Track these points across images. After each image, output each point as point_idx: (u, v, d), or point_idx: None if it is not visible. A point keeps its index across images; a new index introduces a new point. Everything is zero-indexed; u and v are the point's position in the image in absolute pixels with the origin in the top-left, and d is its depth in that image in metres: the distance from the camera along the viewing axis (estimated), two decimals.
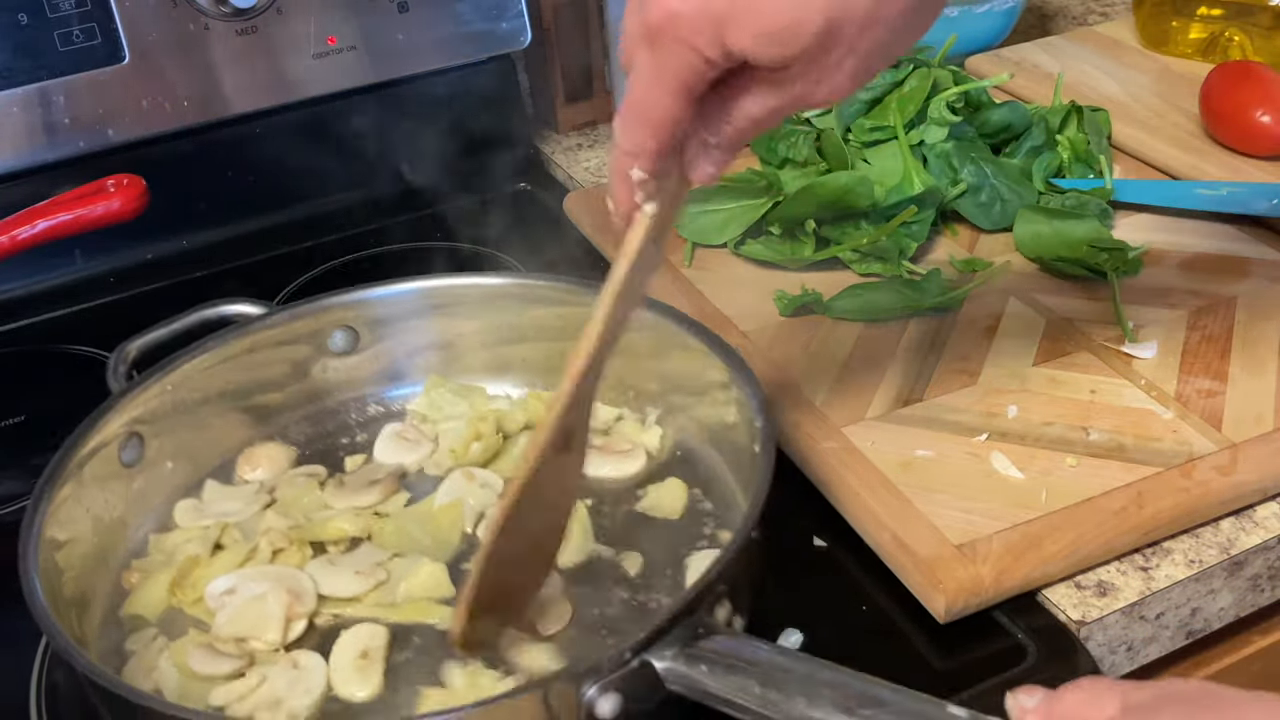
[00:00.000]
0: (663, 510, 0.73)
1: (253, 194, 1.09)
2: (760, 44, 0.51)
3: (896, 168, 0.98)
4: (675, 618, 0.55)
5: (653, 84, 0.54)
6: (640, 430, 0.78)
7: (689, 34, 0.51)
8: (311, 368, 0.80)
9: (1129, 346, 0.82)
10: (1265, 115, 1.00)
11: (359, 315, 0.80)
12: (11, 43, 0.95)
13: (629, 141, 0.56)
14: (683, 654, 0.55)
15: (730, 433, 0.73)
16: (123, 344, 0.77)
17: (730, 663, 0.54)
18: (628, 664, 0.54)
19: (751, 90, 0.55)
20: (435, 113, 1.13)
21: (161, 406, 0.73)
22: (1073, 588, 0.68)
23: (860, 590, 0.69)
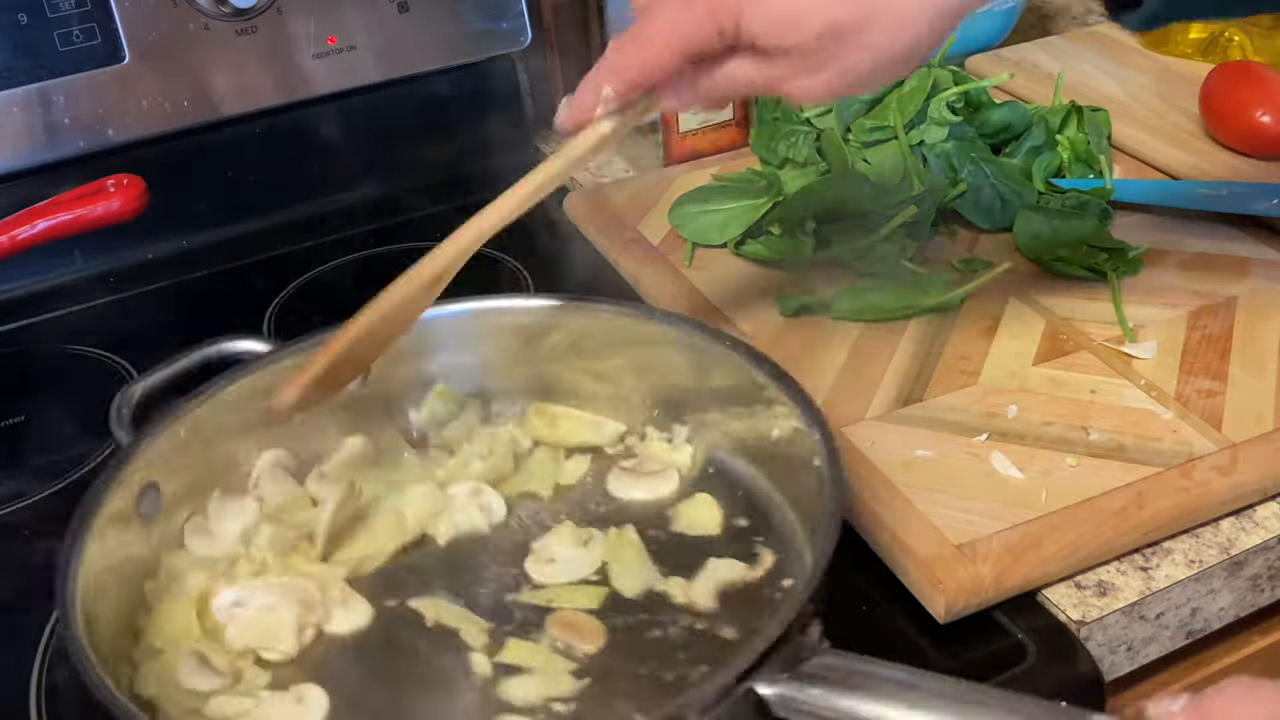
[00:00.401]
0: (699, 528, 0.70)
1: (253, 194, 1.09)
2: (769, 28, 0.59)
3: (896, 168, 0.98)
4: (779, 640, 0.53)
5: (664, 33, 0.61)
6: (669, 450, 0.76)
7: (715, 7, 0.59)
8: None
9: (1129, 346, 0.82)
10: (1265, 115, 1.00)
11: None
12: (11, 43, 0.95)
13: (617, 62, 0.63)
14: (792, 678, 0.52)
15: (772, 446, 0.71)
16: (125, 387, 0.74)
17: (846, 682, 0.52)
18: (733, 693, 0.52)
19: (742, 60, 0.62)
20: (435, 113, 1.13)
21: (175, 454, 0.70)
22: (1073, 588, 0.68)
23: (860, 590, 0.69)
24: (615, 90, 0.63)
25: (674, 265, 0.95)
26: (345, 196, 1.12)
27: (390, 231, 1.09)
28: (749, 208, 0.95)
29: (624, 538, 0.69)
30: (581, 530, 0.71)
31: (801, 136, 1.02)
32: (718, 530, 0.70)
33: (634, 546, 0.69)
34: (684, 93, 0.64)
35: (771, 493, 0.72)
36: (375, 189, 1.13)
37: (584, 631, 0.63)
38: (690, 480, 0.74)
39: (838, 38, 0.59)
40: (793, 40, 0.59)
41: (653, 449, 0.76)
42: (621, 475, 0.74)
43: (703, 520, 0.71)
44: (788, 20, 0.58)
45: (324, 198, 1.11)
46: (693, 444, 0.76)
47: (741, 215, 0.95)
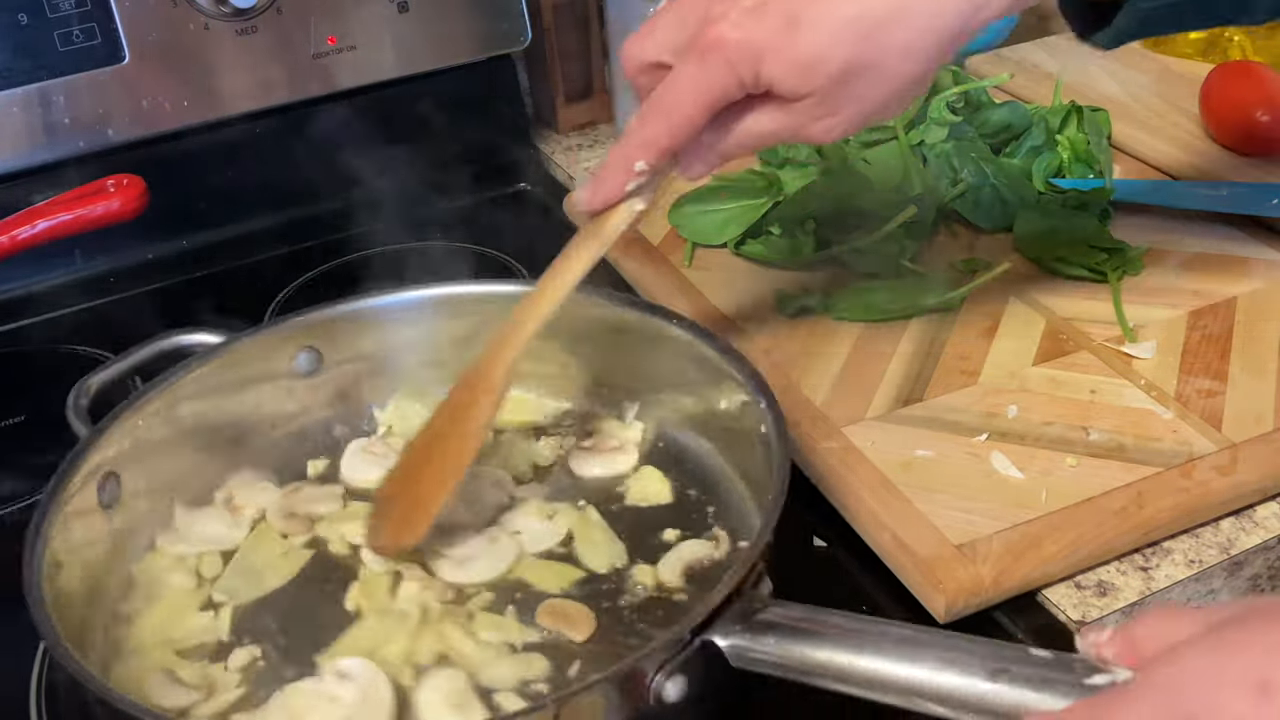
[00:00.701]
0: (651, 499, 0.73)
1: (253, 194, 1.09)
2: (789, 74, 0.60)
3: (896, 168, 0.98)
4: (729, 597, 0.55)
5: (688, 92, 0.61)
6: (623, 427, 0.78)
7: (733, 58, 0.60)
8: (277, 391, 0.79)
9: (1129, 346, 0.82)
10: (1265, 115, 1.00)
11: (321, 335, 0.79)
12: (11, 43, 0.95)
13: (646, 134, 0.63)
14: (745, 628, 0.55)
15: (719, 418, 0.73)
16: (80, 380, 0.75)
17: (796, 629, 0.55)
18: (690, 645, 0.54)
19: (762, 110, 0.62)
20: (435, 113, 1.13)
21: (134, 444, 0.71)
22: (1073, 588, 0.68)
23: (860, 590, 0.69)
24: (649, 163, 0.63)
25: (674, 265, 0.95)
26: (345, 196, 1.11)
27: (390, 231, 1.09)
28: (749, 208, 0.95)
29: (586, 518, 0.71)
30: (546, 506, 0.73)
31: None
32: (669, 499, 0.73)
33: (599, 526, 0.71)
34: (706, 155, 0.65)
35: (722, 464, 0.74)
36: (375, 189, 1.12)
37: (575, 620, 0.64)
38: (644, 455, 0.77)
39: (855, 75, 0.60)
40: (812, 85, 0.60)
41: (606, 426, 0.79)
42: (581, 454, 0.77)
43: (653, 492, 0.73)
44: (806, 65, 0.59)
45: (324, 198, 1.11)
46: (643, 420, 0.78)
47: (741, 215, 0.95)
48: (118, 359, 0.77)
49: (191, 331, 0.78)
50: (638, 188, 0.65)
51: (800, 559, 0.72)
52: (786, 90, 0.60)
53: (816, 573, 0.71)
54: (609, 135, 1.21)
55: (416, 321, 0.81)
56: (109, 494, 0.70)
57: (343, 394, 0.81)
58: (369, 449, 0.78)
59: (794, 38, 0.59)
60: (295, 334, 0.78)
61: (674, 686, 0.54)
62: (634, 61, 0.64)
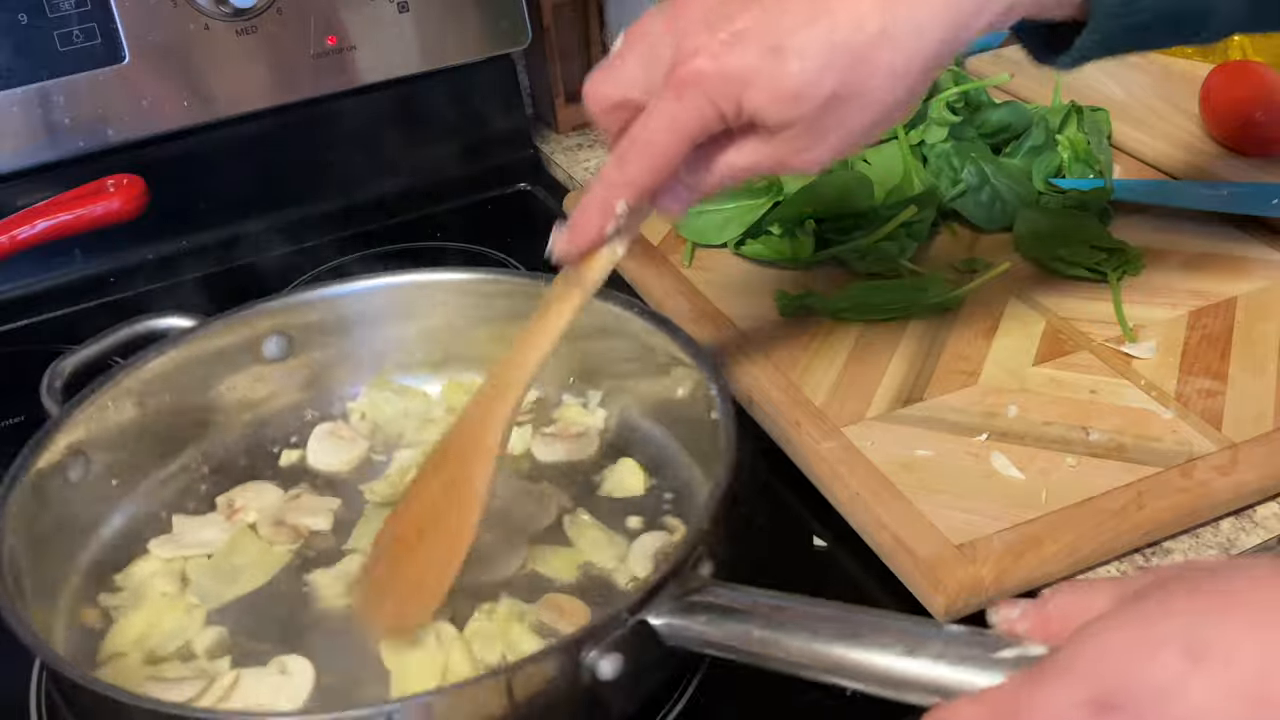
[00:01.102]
0: (624, 490, 0.74)
1: (252, 194, 1.09)
2: (773, 104, 0.58)
3: (896, 168, 0.98)
4: (665, 577, 0.57)
5: (666, 129, 0.59)
6: (585, 414, 0.79)
7: (712, 91, 0.58)
8: (248, 376, 0.79)
9: (1129, 346, 0.82)
10: (1265, 115, 1.00)
11: (292, 321, 0.79)
12: (11, 43, 0.95)
13: (626, 174, 0.61)
14: (679, 608, 0.56)
15: (679, 406, 0.74)
16: (55, 362, 0.76)
17: (728, 609, 0.56)
18: (625, 624, 0.56)
19: (742, 144, 0.61)
20: (435, 113, 1.13)
21: (103, 424, 0.72)
22: None
23: (860, 590, 0.69)
24: (630, 203, 0.61)
25: (674, 265, 0.95)
26: (345, 196, 1.12)
27: (390, 231, 1.09)
28: (749, 208, 0.95)
29: (578, 520, 0.72)
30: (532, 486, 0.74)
31: None
32: (641, 491, 0.74)
33: (593, 526, 0.71)
34: (681, 194, 0.64)
35: (679, 450, 0.75)
36: (375, 189, 1.13)
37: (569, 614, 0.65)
38: (608, 442, 0.78)
39: (841, 102, 0.58)
40: (798, 113, 0.58)
41: (568, 413, 0.80)
42: (544, 440, 0.77)
43: (628, 484, 0.74)
44: (792, 94, 0.57)
45: (324, 198, 1.11)
46: (606, 407, 0.79)
47: (741, 215, 0.95)
48: (91, 341, 0.78)
49: (164, 315, 0.79)
50: (616, 230, 0.63)
51: (800, 559, 0.72)
52: (771, 121, 0.59)
53: (816, 573, 0.71)
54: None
55: (389, 308, 0.81)
56: (77, 473, 0.70)
57: (314, 379, 0.81)
58: (336, 433, 0.79)
59: (779, 67, 0.57)
60: (266, 318, 0.79)
61: (609, 664, 0.55)
62: (600, 101, 0.62)
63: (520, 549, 0.70)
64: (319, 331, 0.80)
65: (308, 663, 0.63)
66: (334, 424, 0.80)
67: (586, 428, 0.78)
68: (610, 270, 0.64)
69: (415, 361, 0.82)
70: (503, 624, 0.64)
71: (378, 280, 0.81)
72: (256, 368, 0.79)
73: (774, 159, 0.61)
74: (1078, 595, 0.46)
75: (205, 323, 0.77)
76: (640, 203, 0.62)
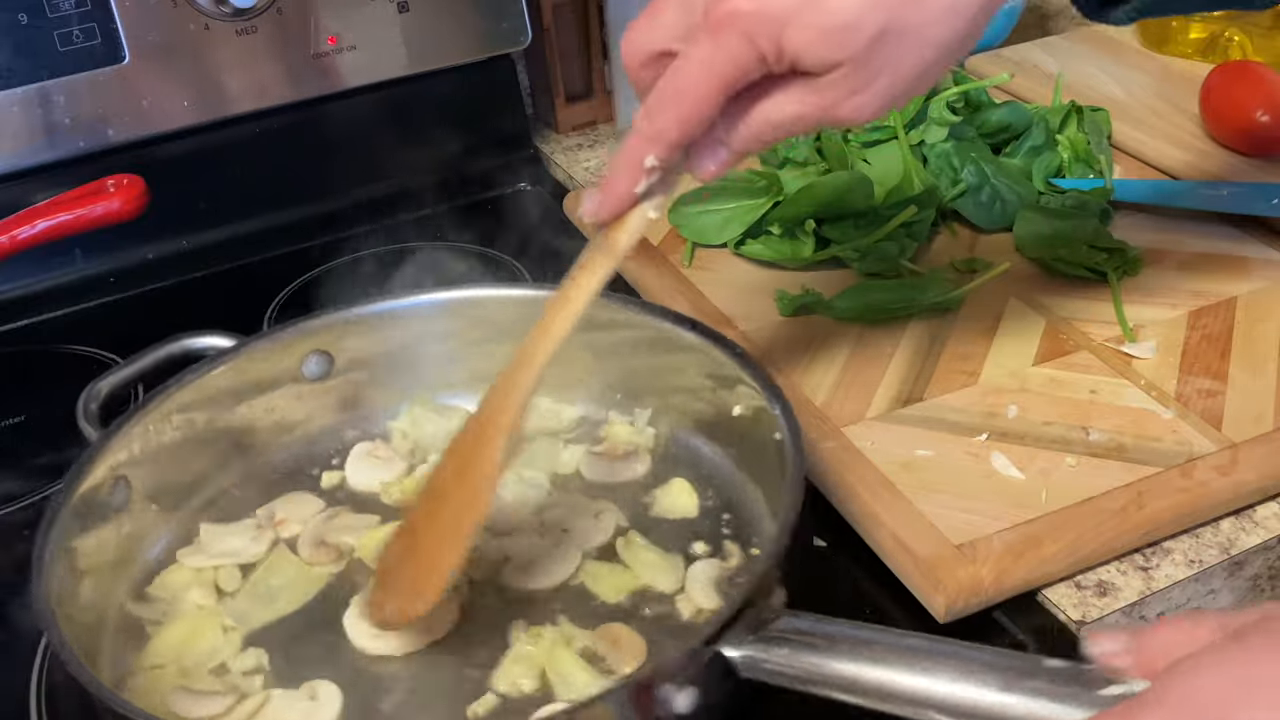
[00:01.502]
0: (678, 512, 0.72)
1: (253, 194, 1.09)
2: (817, 42, 0.53)
3: (896, 168, 0.98)
4: (741, 608, 0.55)
5: (700, 75, 0.54)
6: (633, 432, 0.78)
7: (751, 30, 0.53)
8: (288, 396, 0.79)
9: (1129, 346, 0.82)
10: (1265, 115, 1.00)
11: (332, 340, 0.79)
12: (11, 43, 0.95)
13: (655, 125, 0.56)
14: (756, 640, 0.55)
15: (735, 424, 0.73)
16: (91, 384, 0.76)
17: (808, 641, 0.54)
18: (700, 657, 0.54)
19: (782, 93, 0.56)
20: (435, 113, 1.13)
21: (144, 447, 0.71)
22: (1073, 588, 0.68)
23: (860, 590, 0.69)
24: (659, 158, 0.56)
25: (674, 265, 0.95)
26: (345, 196, 1.12)
27: (390, 231, 1.09)
28: (749, 208, 0.95)
29: (631, 542, 0.70)
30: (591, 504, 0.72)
31: (801, 136, 1.02)
32: (695, 513, 0.72)
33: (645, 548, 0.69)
34: (720, 153, 0.59)
35: (734, 470, 0.74)
36: (375, 189, 1.13)
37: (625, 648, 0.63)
38: (659, 461, 0.76)
39: (891, 39, 0.53)
40: (844, 53, 0.53)
41: (616, 431, 0.78)
42: (593, 460, 0.76)
43: (681, 504, 0.73)
44: (838, 28, 0.52)
45: (324, 198, 1.11)
46: (655, 425, 0.78)
47: (741, 215, 0.95)
48: (127, 362, 0.77)
49: (202, 335, 0.78)
50: (648, 190, 0.58)
51: (800, 559, 0.72)
52: (813, 62, 0.53)
53: (816, 573, 0.71)
54: (609, 135, 1.21)
55: (430, 326, 0.80)
56: (119, 498, 0.69)
57: (354, 399, 0.81)
58: (373, 453, 0.78)
59: (819, 2, 0.52)
60: (305, 338, 0.78)
61: (685, 698, 0.54)
62: (636, 54, 0.57)
63: (572, 560, 0.69)
64: (359, 350, 0.79)
65: (337, 690, 0.63)
66: (372, 444, 0.79)
67: (636, 446, 0.77)
68: (641, 235, 0.60)
69: (457, 380, 0.81)
70: (549, 649, 0.63)
71: (419, 298, 0.79)
72: (296, 387, 0.78)
73: (820, 107, 0.55)
74: (1180, 629, 0.45)
75: (244, 342, 0.76)
76: (671, 158, 0.57)
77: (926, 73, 0.55)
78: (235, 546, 0.72)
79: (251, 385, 0.77)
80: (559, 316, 0.61)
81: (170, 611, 0.68)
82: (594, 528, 0.71)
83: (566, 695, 0.61)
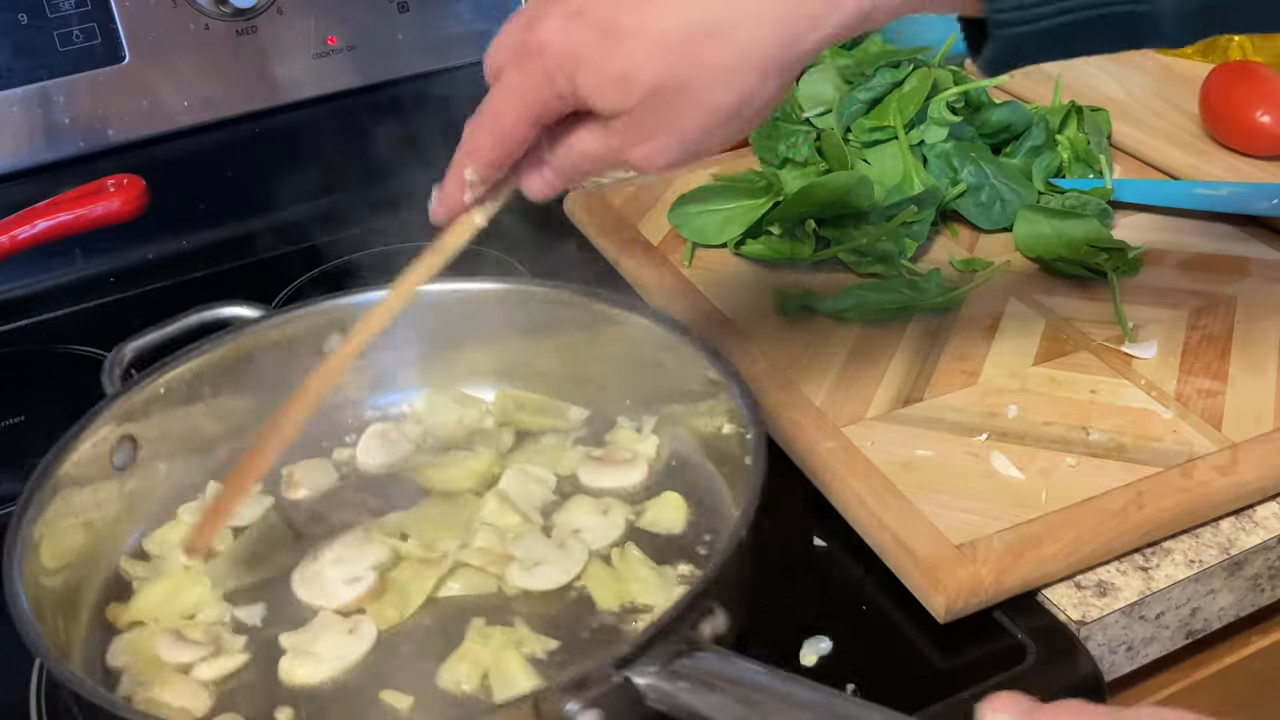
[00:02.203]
0: (663, 526, 0.72)
1: (253, 194, 1.09)
2: (601, 89, 0.55)
3: (896, 168, 0.98)
4: (656, 635, 0.55)
5: (509, 101, 0.58)
6: (637, 439, 0.77)
7: (551, 67, 0.55)
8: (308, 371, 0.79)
9: (1129, 346, 0.82)
10: (1265, 115, 1.00)
11: (357, 319, 0.79)
12: (11, 43, 0.95)
13: (472, 142, 0.60)
14: (665, 671, 0.54)
15: (724, 443, 0.72)
16: (119, 345, 0.76)
17: (711, 681, 0.54)
18: (609, 680, 0.54)
19: (586, 129, 0.58)
20: (435, 113, 1.13)
21: (154, 409, 0.72)
22: (1073, 588, 0.68)
23: (860, 590, 0.69)
24: (478, 173, 0.60)
25: (674, 265, 0.95)
26: (345, 197, 1.12)
27: (391, 232, 1.09)
28: (749, 208, 0.95)
29: (627, 554, 0.69)
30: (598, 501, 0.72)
31: (801, 136, 1.02)
32: (680, 529, 0.71)
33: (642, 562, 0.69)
34: (546, 174, 0.61)
35: (724, 489, 0.73)
36: (375, 189, 1.12)
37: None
38: (657, 472, 0.76)
39: (669, 96, 0.55)
40: (625, 103, 0.55)
41: (620, 436, 0.78)
42: (591, 464, 0.76)
43: (667, 519, 0.72)
44: (618, 79, 0.54)
45: (324, 198, 1.11)
46: (659, 435, 0.77)
47: (741, 215, 0.95)
48: (157, 327, 0.78)
49: (231, 304, 0.79)
50: (476, 200, 0.62)
51: (800, 559, 0.72)
52: (599, 107, 0.56)
53: (816, 573, 0.71)
54: None
55: (454, 314, 0.80)
56: (123, 457, 0.71)
57: (378, 379, 0.81)
58: (385, 434, 0.79)
59: (609, 49, 0.54)
60: (332, 315, 0.78)
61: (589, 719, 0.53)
62: (489, 64, 0.60)
63: (578, 561, 0.68)
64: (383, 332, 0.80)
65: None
66: (385, 425, 0.79)
67: (635, 454, 0.76)
68: (469, 238, 0.64)
69: (478, 369, 0.81)
70: (496, 650, 0.63)
71: (445, 285, 0.79)
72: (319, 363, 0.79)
73: (610, 149, 0.58)
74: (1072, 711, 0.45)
75: (269, 314, 0.77)
76: (489, 174, 0.60)
77: (714, 132, 0.57)
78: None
79: (272, 358, 0.77)
80: (384, 306, 0.66)
81: (159, 569, 0.70)
82: (605, 525, 0.71)
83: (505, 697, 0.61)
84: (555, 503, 0.73)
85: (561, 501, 0.73)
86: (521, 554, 0.69)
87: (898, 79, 1.00)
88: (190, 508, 0.74)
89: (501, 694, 0.61)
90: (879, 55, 1.01)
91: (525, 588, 0.67)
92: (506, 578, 0.68)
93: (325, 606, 0.66)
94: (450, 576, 0.68)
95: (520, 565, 0.69)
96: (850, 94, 0.99)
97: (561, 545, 0.69)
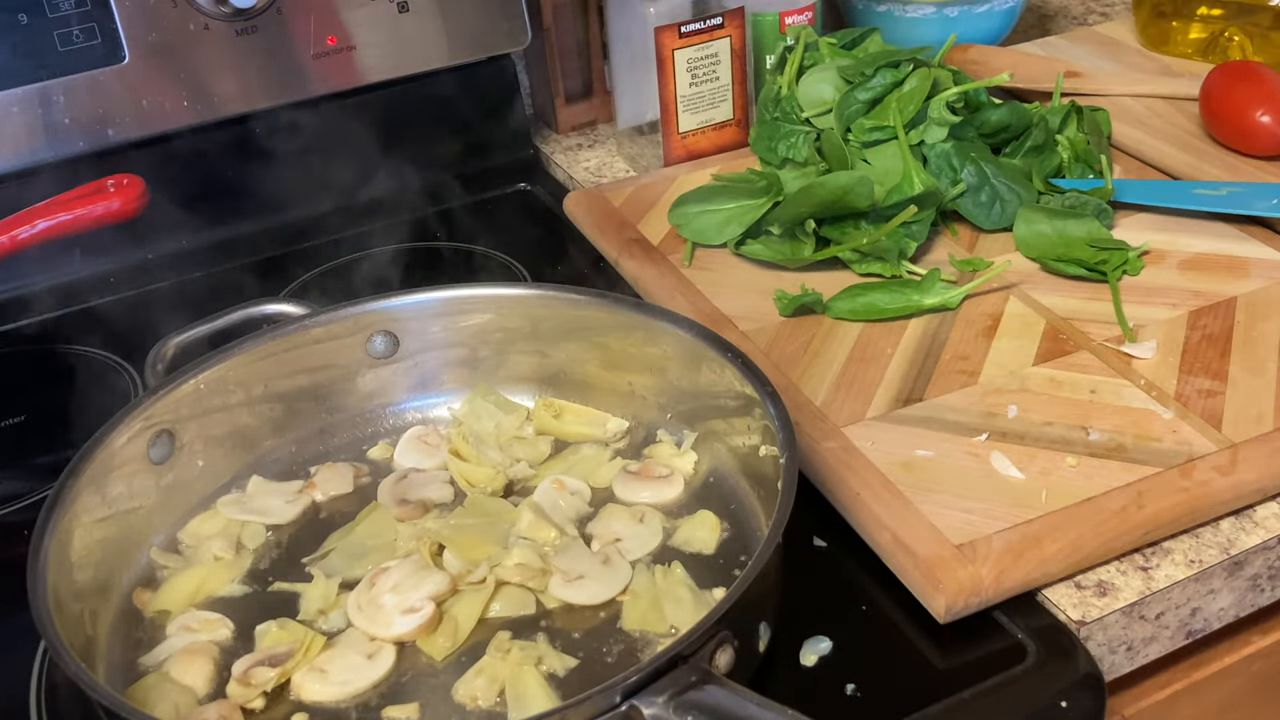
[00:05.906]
0: (695, 545, 0.71)
1: (253, 194, 1.09)
2: None
3: (896, 168, 0.98)
4: (666, 665, 0.54)
5: None
6: (676, 454, 0.76)
7: None
8: (350, 372, 0.79)
9: (1129, 346, 0.82)
10: (1265, 115, 1.00)
11: (401, 321, 0.79)
12: (11, 43, 0.95)
13: None
14: (672, 702, 0.53)
15: (761, 463, 0.70)
16: (162, 340, 0.77)
17: (719, 717, 0.53)
18: (616, 708, 0.53)
19: None
20: (435, 113, 1.13)
21: (194, 405, 0.73)
22: (1073, 588, 0.68)
23: (860, 590, 0.69)
24: None
25: (674, 265, 0.95)
26: (345, 196, 1.12)
27: (390, 231, 1.09)
28: (749, 208, 0.95)
29: (671, 574, 0.68)
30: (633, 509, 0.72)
31: (801, 136, 1.02)
32: (712, 550, 0.70)
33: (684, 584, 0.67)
34: None
35: (757, 510, 0.72)
36: (375, 189, 1.12)
37: None
38: (694, 489, 0.74)
39: None
40: None
41: (660, 450, 0.77)
42: (627, 477, 0.75)
43: (699, 539, 0.71)
44: None
45: (324, 198, 1.11)
46: (698, 451, 0.76)
47: (741, 215, 0.95)
48: (200, 322, 0.79)
49: (276, 301, 0.80)
50: None
51: (800, 559, 0.72)
52: None
53: (816, 573, 0.71)
54: (609, 135, 1.21)
55: (497, 317, 0.80)
56: (161, 451, 0.71)
57: (422, 381, 0.81)
58: (424, 438, 0.79)
59: None
60: (376, 316, 0.79)
61: None
62: None
63: (622, 579, 0.68)
64: (426, 334, 0.80)
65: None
66: (424, 429, 0.79)
67: (673, 470, 0.75)
68: None
69: (521, 375, 0.81)
70: (514, 666, 0.63)
71: (490, 290, 0.80)
72: (360, 364, 0.79)
73: None
74: None
75: (314, 313, 0.77)
76: None
77: None
78: (271, 505, 0.74)
79: (314, 357, 0.78)
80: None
81: (191, 560, 0.71)
82: (644, 533, 0.70)
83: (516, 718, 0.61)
84: (590, 514, 0.73)
85: (595, 512, 0.73)
86: (565, 566, 0.68)
87: (898, 79, 1.00)
88: (228, 500, 0.74)
89: (515, 711, 0.61)
90: (879, 55, 1.01)
91: (567, 600, 0.67)
92: (548, 589, 0.67)
93: (383, 637, 0.65)
94: (493, 598, 0.67)
95: (564, 577, 0.68)
96: (850, 94, 0.99)
97: (606, 561, 0.68)
